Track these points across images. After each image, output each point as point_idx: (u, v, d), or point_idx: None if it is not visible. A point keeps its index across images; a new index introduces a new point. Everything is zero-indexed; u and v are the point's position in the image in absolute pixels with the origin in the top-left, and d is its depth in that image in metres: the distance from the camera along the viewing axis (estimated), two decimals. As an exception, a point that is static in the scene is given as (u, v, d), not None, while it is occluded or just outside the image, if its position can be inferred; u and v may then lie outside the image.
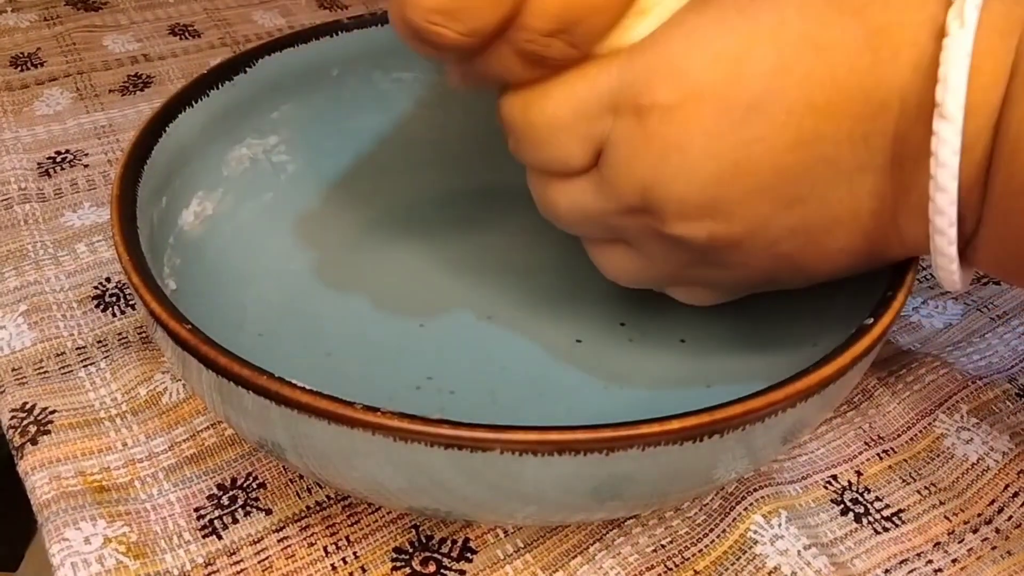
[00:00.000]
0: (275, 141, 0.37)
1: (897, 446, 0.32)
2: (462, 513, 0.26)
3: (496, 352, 0.32)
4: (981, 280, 0.39)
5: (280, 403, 0.22)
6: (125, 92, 0.48)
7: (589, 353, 0.32)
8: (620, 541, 0.29)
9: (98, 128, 0.46)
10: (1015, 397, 0.34)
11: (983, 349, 0.36)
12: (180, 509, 0.29)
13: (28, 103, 0.47)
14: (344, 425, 0.22)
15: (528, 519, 0.27)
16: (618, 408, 0.30)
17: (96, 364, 0.34)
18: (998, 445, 0.32)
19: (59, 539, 0.28)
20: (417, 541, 0.29)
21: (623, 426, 0.22)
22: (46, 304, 0.36)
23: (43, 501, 0.29)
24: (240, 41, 0.53)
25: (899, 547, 0.29)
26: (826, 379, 0.24)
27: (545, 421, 0.22)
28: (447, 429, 0.21)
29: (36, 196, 0.41)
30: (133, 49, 0.52)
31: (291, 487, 0.30)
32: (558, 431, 0.22)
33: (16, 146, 0.44)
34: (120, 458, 0.31)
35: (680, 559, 0.28)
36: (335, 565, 0.28)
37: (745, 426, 0.23)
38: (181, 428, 0.32)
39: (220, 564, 0.28)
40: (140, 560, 0.28)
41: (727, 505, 0.30)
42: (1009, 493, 0.31)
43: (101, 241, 0.39)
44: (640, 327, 0.33)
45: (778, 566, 0.28)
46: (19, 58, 0.50)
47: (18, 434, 0.31)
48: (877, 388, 0.34)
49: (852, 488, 0.31)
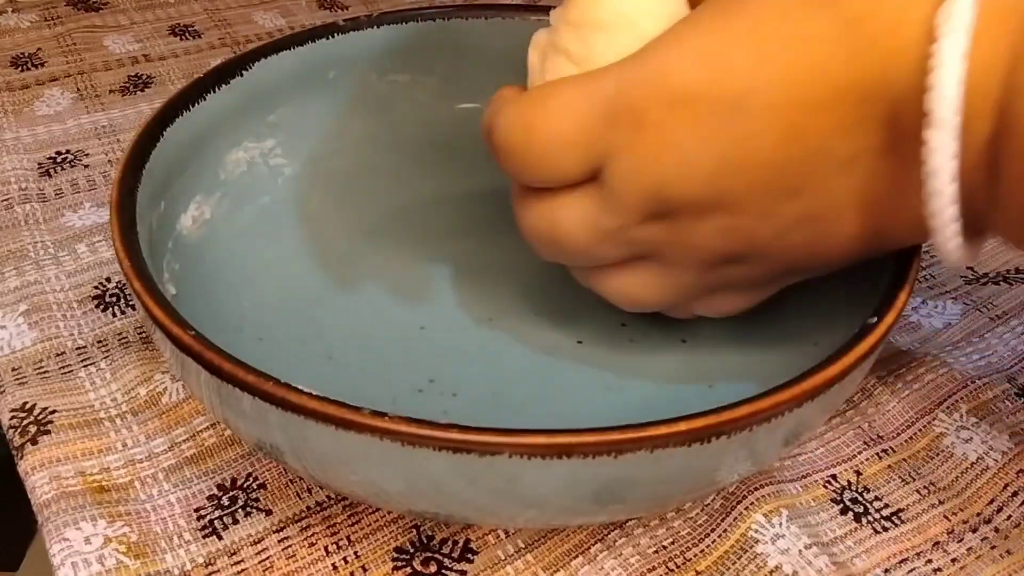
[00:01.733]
0: (272, 144, 0.37)
1: (896, 445, 0.32)
2: (463, 517, 0.26)
3: (498, 354, 0.32)
4: (980, 280, 0.39)
5: (286, 408, 0.22)
6: (125, 92, 0.48)
7: (590, 354, 0.32)
8: (622, 541, 0.29)
9: (98, 128, 0.46)
10: (1014, 396, 0.34)
11: (982, 349, 0.36)
12: (180, 509, 0.29)
13: (29, 103, 0.47)
14: (351, 430, 0.22)
15: (529, 522, 0.27)
16: (621, 409, 0.30)
17: (96, 364, 0.34)
18: (997, 444, 0.32)
19: (59, 539, 0.28)
20: (418, 541, 0.29)
21: (631, 428, 0.22)
22: (46, 304, 0.36)
23: (43, 501, 0.29)
24: (240, 41, 0.53)
25: (899, 546, 0.29)
26: (832, 378, 0.24)
27: (548, 423, 0.22)
28: (456, 433, 0.21)
29: (36, 196, 0.41)
30: (133, 49, 0.52)
31: (291, 487, 0.30)
32: (566, 434, 0.22)
33: (16, 146, 0.44)
34: (120, 458, 0.31)
35: (682, 559, 0.29)
36: (336, 565, 0.28)
37: (752, 427, 0.23)
38: (181, 428, 0.32)
39: (220, 564, 0.28)
40: (140, 560, 0.28)
41: (728, 504, 0.30)
42: (1008, 492, 0.31)
43: (101, 241, 0.39)
44: (641, 328, 0.33)
45: (779, 565, 0.28)
46: (20, 58, 0.50)
47: (18, 434, 0.31)
48: (877, 387, 0.34)
49: (851, 487, 0.31)
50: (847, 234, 0.25)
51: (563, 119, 0.25)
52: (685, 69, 0.24)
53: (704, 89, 0.24)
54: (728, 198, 0.25)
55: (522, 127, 0.26)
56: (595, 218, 0.26)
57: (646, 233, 0.26)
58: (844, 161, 0.24)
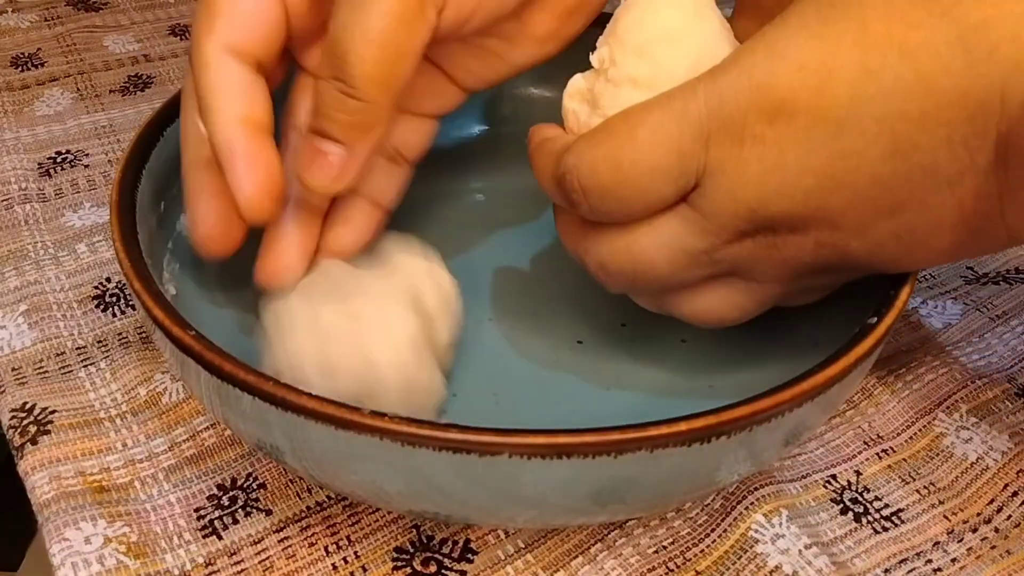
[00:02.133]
0: None
1: (896, 445, 0.32)
2: (463, 517, 0.26)
3: (497, 354, 0.32)
4: (980, 280, 0.39)
5: (286, 408, 0.22)
6: (126, 92, 0.48)
7: (590, 354, 0.32)
8: (622, 542, 0.29)
9: (99, 128, 0.46)
10: (1014, 396, 0.34)
11: (982, 349, 0.36)
12: (180, 509, 0.29)
13: (29, 103, 0.47)
14: (351, 430, 0.22)
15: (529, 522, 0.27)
16: (620, 409, 0.30)
17: (96, 364, 0.34)
18: (997, 444, 0.32)
19: (59, 539, 0.28)
20: (418, 541, 0.29)
21: (631, 428, 0.22)
22: (46, 304, 0.36)
23: (43, 501, 0.29)
24: (240, 41, 0.53)
25: (898, 546, 0.29)
26: (832, 378, 0.24)
27: (548, 423, 0.22)
28: (456, 433, 0.21)
29: (37, 196, 0.41)
30: (134, 49, 0.52)
31: (291, 487, 0.30)
32: (565, 434, 0.21)
33: (17, 146, 0.44)
34: (120, 458, 0.31)
35: (682, 559, 0.29)
36: (336, 565, 0.28)
37: (752, 427, 0.23)
38: (181, 428, 0.32)
39: (220, 564, 0.28)
40: (140, 560, 0.28)
41: (728, 504, 0.30)
42: (1008, 492, 0.31)
43: (101, 241, 0.39)
44: (641, 328, 0.33)
45: (779, 565, 0.28)
46: (20, 58, 0.50)
47: (18, 434, 0.31)
48: (876, 387, 0.34)
49: (851, 488, 0.31)
50: (938, 249, 0.25)
51: (655, 148, 0.24)
52: (786, 79, 0.22)
53: (808, 101, 0.22)
54: (827, 214, 0.24)
55: (611, 166, 0.24)
56: (683, 241, 0.25)
57: (735, 251, 0.25)
58: (949, 178, 0.23)
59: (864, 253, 0.25)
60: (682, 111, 0.24)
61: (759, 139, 0.23)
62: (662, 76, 0.25)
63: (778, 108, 0.23)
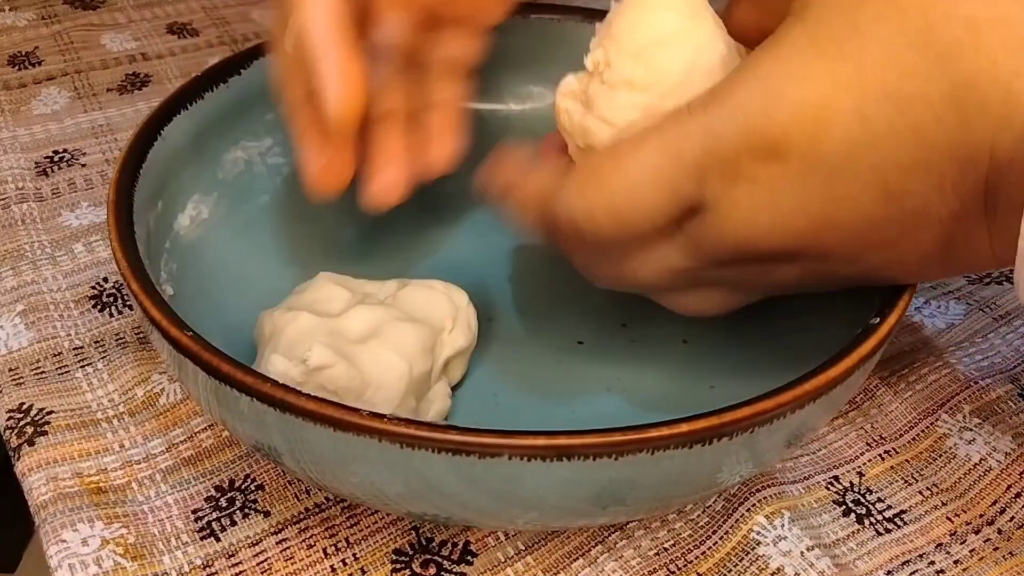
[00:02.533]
0: (270, 143, 0.37)
1: (899, 446, 0.32)
2: (462, 519, 0.26)
3: (498, 355, 0.32)
4: (983, 280, 0.39)
5: (284, 410, 0.22)
6: (123, 91, 0.48)
7: (591, 354, 0.32)
8: (622, 544, 0.29)
9: (96, 127, 0.45)
10: (1017, 398, 0.34)
11: (985, 349, 0.36)
12: (178, 511, 0.29)
13: (26, 102, 0.47)
14: (349, 432, 0.22)
15: (529, 524, 0.27)
16: (621, 410, 0.30)
17: (93, 365, 0.34)
18: (1000, 445, 0.32)
19: (57, 540, 0.28)
20: (417, 543, 0.29)
21: (632, 430, 0.21)
22: (43, 304, 0.36)
23: (40, 502, 0.29)
24: (238, 40, 0.53)
25: (901, 548, 0.29)
26: (834, 379, 0.23)
27: (548, 424, 0.22)
28: (455, 435, 0.21)
29: (34, 196, 0.41)
30: (131, 48, 0.52)
31: (289, 489, 0.30)
32: (565, 436, 0.21)
33: (14, 145, 0.44)
34: (117, 459, 0.30)
35: (683, 562, 0.28)
36: (335, 567, 0.28)
37: (754, 428, 0.22)
38: (178, 430, 0.31)
39: (219, 566, 0.28)
40: (138, 562, 0.27)
41: (730, 506, 0.30)
42: (1011, 494, 0.31)
43: (99, 241, 0.39)
44: (642, 328, 0.32)
45: (781, 567, 0.28)
46: (17, 57, 0.50)
47: (15, 435, 0.31)
48: (879, 388, 0.34)
49: (854, 489, 0.31)
50: (923, 275, 0.26)
51: (649, 189, 0.24)
52: (781, 121, 0.23)
53: (803, 146, 0.22)
54: (818, 250, 0.24)
55: (608, 213, 0.25)
56: (670, 261, 0.26)
57: (721, 273, 0.26)
58: (939, 219, 0.23)
59: (850, 278, 0.26)
60: (677, 150, 0.24)
61: (752, 179, 0.23)
62: (658, 79, 0.26)
63: (772, 149, 0.23)
